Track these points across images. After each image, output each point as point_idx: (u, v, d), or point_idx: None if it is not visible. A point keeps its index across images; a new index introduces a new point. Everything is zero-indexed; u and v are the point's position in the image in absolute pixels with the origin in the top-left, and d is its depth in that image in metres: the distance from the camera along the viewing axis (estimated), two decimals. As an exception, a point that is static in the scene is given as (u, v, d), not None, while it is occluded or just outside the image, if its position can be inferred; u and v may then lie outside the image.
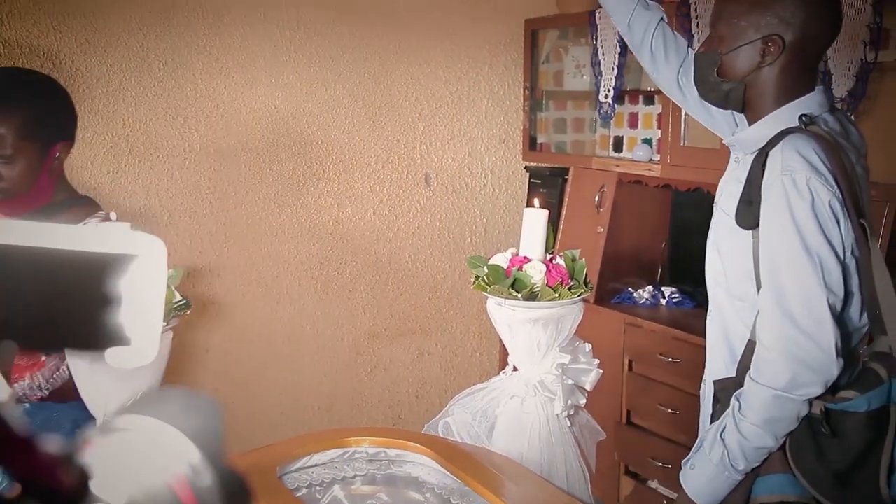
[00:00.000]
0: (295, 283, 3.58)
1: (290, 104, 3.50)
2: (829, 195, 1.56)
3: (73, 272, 0.41)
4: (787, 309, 1.58)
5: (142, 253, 0.41)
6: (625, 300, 3.36)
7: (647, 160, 3.27)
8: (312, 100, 3.53)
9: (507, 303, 1.91)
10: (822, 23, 1.66)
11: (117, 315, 0.41)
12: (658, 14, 2.04)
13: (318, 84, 3.53)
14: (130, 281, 0.41)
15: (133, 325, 0.42)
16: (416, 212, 3.76)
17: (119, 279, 0.41)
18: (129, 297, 0.41)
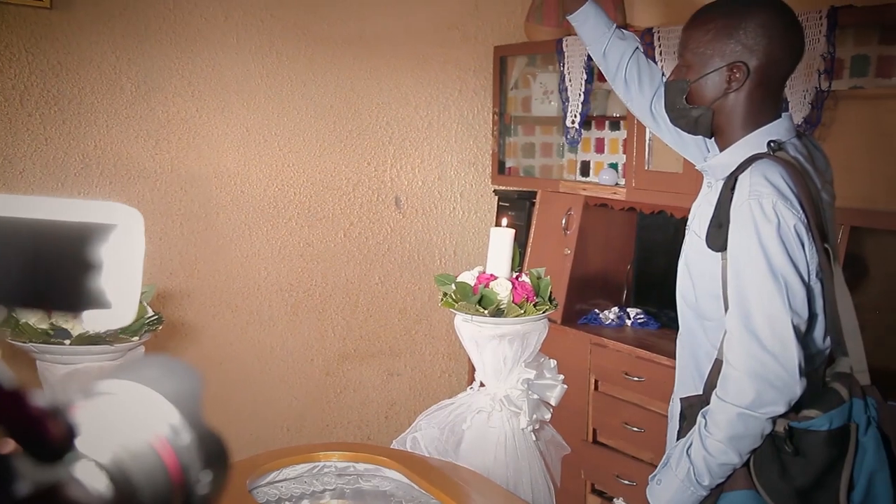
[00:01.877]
0: (265, 304, 3.60)
1: (262, 127, 3.54)
2: (794, 219, 1.61)
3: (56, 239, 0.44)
4: (753, 329, 1.62)
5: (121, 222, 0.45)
6: (591, 321, 3.42)
7: (612, 184, 3.34)
8: (284, 123, 3.57)
9: (473, 319, 1.95)
10: (784, 49, 1.72)
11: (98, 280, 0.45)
12: (633, 44, 2.10)
13: (289, 107, 3.57)
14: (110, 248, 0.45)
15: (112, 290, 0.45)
16: (386, 234, 3.80)
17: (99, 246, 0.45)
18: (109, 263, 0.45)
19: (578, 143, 3.47)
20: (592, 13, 2.09)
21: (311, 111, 3.61)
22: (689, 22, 1.80)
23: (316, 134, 3.63)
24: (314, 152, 3.63)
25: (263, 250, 3.57)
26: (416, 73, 3.75)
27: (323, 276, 3.70)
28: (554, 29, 3.61)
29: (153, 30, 3.33)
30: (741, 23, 1.71)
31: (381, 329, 3.83)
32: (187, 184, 3.43)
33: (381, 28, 3.68)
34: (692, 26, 1.79)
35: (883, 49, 2.56)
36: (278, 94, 3.55)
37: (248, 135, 3.52)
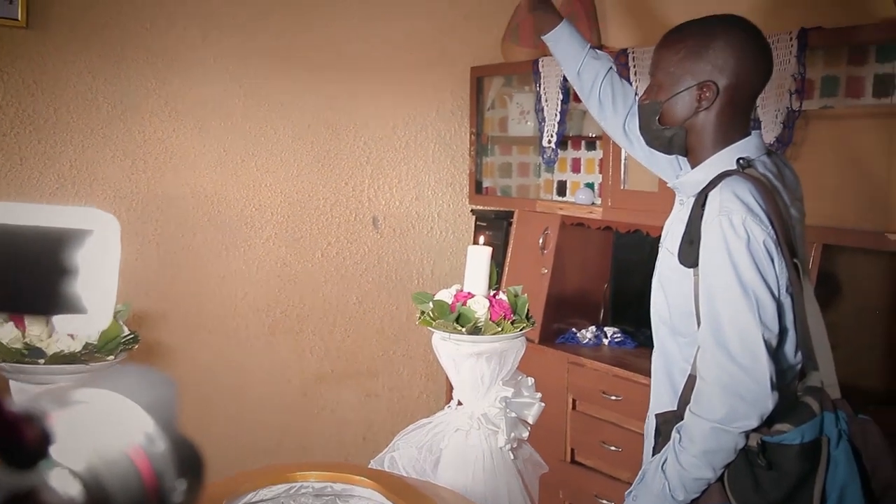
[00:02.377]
0: (242, 325, 3.58)
1: (239, 147, 3.53)
2: (763, 235, 1.64)
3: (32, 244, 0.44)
4: (725, 344, 1.64)
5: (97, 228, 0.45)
6: (568, 340, 3.43)
7: (589, 203, 3.37)
8: (261, 143, 3.57)
9: (451, 337, 1.95)
10: (752, 68, 1.75)
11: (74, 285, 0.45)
12: (607, 63, 2.12)
13: (266, 128, 3.58)
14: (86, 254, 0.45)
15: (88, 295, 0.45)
16: (363, 254, 3.80)
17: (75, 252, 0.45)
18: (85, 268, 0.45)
19: (555, 163, 3.50)
20: (566, 33, 2.11)
21: (288, 131, 3.61)
22: (660, 42, 1.83)
23: (293, 154, 3.63)
24: (292, 172, 3.63)
25: (240, 271, 3.56)
26: (394, 94, 3.77)
27: (300, 297, 3.69)
28: (530, 50, 3.64)
29: (130, 49, 3.33)
30: (711, 43, 1.74)
31: (359, 349, 3.82)
32: (164, 204, 3.42)
33: (359, 49, 3.69)
34: (663, 46, 1.82)
35: (852, 70, 2.60)
36: (256, 115, 3.55)
37: (226, 155, 3.51)
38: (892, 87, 2.50)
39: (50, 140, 3.24)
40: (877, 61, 2.54)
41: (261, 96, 3.55)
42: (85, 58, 3.26)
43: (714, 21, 1.80)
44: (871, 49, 2.55)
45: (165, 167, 3.42)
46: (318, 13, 3.61)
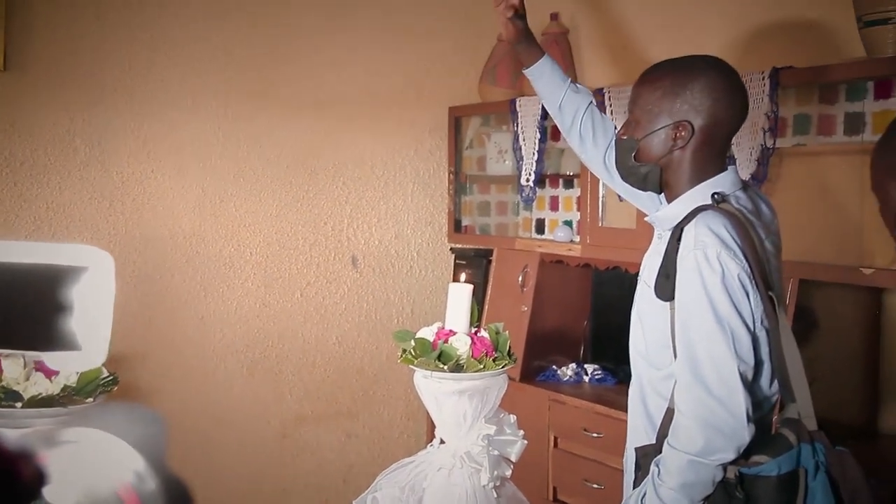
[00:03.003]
0: (220, 366, 3.55)
1: (218, 188, 3.53)
2: (738, 268, 1.66)
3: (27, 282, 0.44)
4: (701, 377, 1.65)
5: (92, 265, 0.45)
6: (549, 377, 3.43)
7: (567, 241, 3.39)
8: (240, 183, 3.57)
9: (433, 375, 1.95)
10: (728, 109, 1.78)
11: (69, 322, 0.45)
12: (587, 98, 2.15)
13: (245, 168, 3.58)
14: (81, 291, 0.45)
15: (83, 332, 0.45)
16: (343, 293, 3.79)
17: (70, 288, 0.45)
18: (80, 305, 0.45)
19: (533, 201, 3.52)
20: (548, 67, 2.14)
21: (267, 172, 3.62)
22: (639, 79, 1.86)
23: (272, 194, 3.63)
24: (270, 212, 3.63)
25: (219, 311, 3.54)
26: (372, 134, 3.79)
27: (279, 337, 3.66)
28: (507, 90, 3.68)
29: (108, 91, 3.33)
30: (689, 83, 1.77)
31: (339, 390, 3.79)
32: (142, 245, 3.40)
33: (338, 89, 3.72)
34: (641, 84, 1.84)
35: (823, 108, 2.65)
36: (234, 155, 3.55)
37: (204, 196, 3.51)
38: (863, 124, 2.55)
39: (26, 182, 3.23)
40: (847, 100, 2.59)
41: (239, 137, 3.56)
42: (62, 99, 3.26)
43: (692, 61, 1.83)
44: (841, 88, 2.60)
45: (143, 208, 3.41)
46: (297, 55, 3.64)
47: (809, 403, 1.74)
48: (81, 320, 0.45)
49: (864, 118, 2.54)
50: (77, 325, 0.45)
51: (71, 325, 0.45)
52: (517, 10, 2.09)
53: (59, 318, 0.45)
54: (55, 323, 0.45)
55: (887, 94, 2.49)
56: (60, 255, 0.45)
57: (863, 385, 2.72)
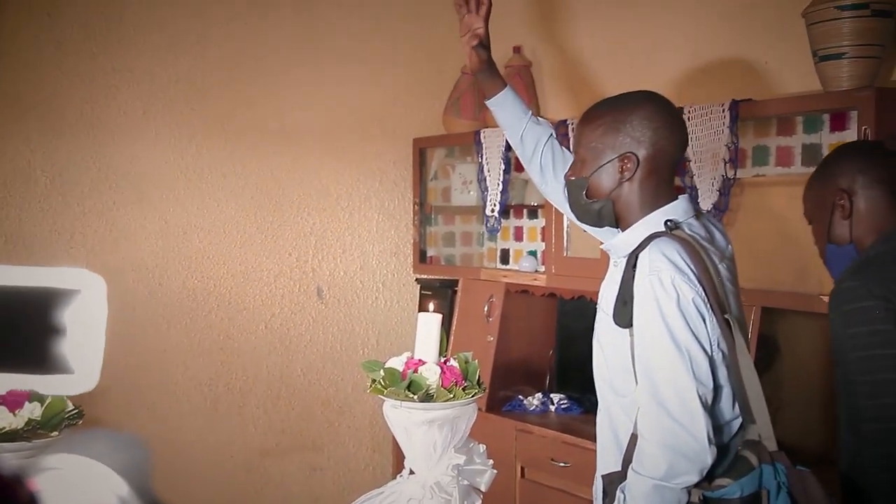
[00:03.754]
0: (183, 399, 3.51)
1: (181, 219, 3.51)
2: (692, 293, 1.69)
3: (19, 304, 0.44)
4: (662, 401, 1.67)
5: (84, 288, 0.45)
6: (515, 407, 3.43)
7: (532, 271, 3.41)
8: (204, 215, 3.55)
9: (403, 405, 1.94)
10: (668, 138, 1.84)
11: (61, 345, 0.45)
12: (548, 130, 2.19)
13: (209, 199, 3.56)
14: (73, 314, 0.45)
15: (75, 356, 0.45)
16: (308, 325, 3.77)
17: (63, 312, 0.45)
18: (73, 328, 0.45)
19: (498, 232, 3.55)
20: (510, 99, 2.17)
21: (231, 203, 3.60)
22: (580, 120, 1.92)
23: (236, 226, 3.62)
24: (235, 244, 3.61)
25: (182, 344, 3.50)
26: (338, 165, 3.80)
27: (243, 369, 3.63)
28: (471, 121, 3.72)
29: (69, 123, 3.31)
30: (627, 117, 1.83)
31: (304, 422, 3.76)
32: (103, 277, 3.35)
33: (302, 120, 3.73)
34: (583, 124, 1.90)
35: (781, 140, 2.71)
36: (198, 187, 3.53)
37: (167, 227, 3.48)
38: (820, 155, 2.61)
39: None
40: (804, 132, 2.66)
41: (203, 168, 3.54)
42: (23, 131, 3.23)
43: (629, 96, 1.89)
44: (798, 120, 2.66)
45: (105, 240, 3.37)
46: (261, 86, 3.65)
47: (769, 425, 1.77)
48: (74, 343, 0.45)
49: (821, 150, 2.61)
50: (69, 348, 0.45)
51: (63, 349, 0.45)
52: (481, 41, 2.12)
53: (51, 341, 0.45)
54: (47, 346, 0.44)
55: (842, 126, 2.56)
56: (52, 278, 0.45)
57: (824, 411, 2.76)
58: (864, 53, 2.43)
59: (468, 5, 2.14)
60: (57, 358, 0.45)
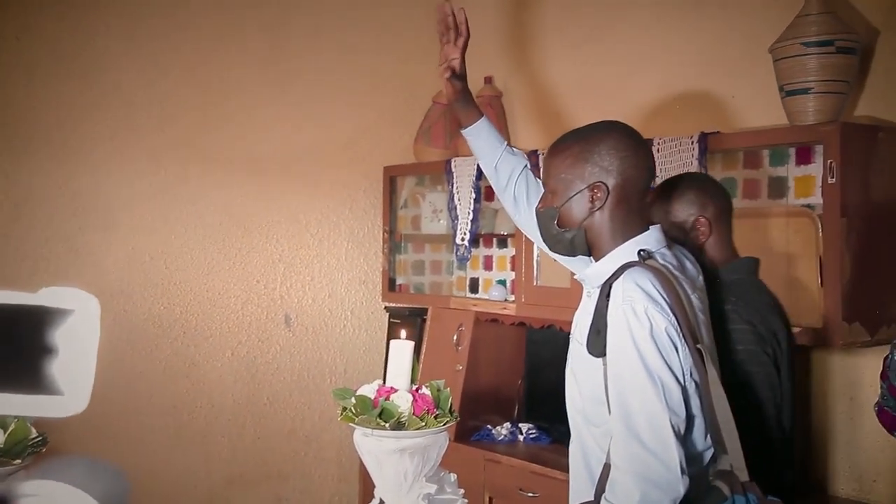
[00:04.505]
0: (146, 428, 3.45)
1: (148, 245, 3.47)
2: (665, 322, 1.70)
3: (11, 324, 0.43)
4: (635, 431, 1.67)
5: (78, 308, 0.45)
6: (484, 437, 3.41)
7: (502, 300, 3.41)
8: (171, 241, 3.52)
9: (374, 433, 1.92)
10: (636, 166, 1.86)
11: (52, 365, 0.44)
12: (522, 161, 2.20)
13: (177, 226, 3.53)
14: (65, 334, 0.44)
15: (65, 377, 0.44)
16: (275, 353, 3.73)
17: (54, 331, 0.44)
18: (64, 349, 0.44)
19: (468, 261, 3.55)
20: (486, 128, 2.19)
21: (199, 229, 3.57)
22: (548, 152, 1.93)
23: (204, 252, 3.58)
24: (202, 270, 3.58)
25: (146, 371, 3.45)
26: (307, 192, 3.79)
27: (209, 398, 3.58)
28: (442, 150, 3.74)
29: (36, 147, 3.27)
30: (595, 147, 1.84)
31: (269, 452, 3.71)
32: (67, 303, 3.30)
33: (273, 147, 3.72)
34: (551, 155, 1.92)
35: (748, 172, 2.75)
36: (166, 213, 3.50)
37: (134, 253, 3.44)
38: (786, 188, 2.65)
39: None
40: (770, 165, 2.70)
41: (171, 194, 3.51)
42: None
43: (595, 127, 1.91)
44: (764, 153, 2.71)
45: (70, 266, 3.32)
46: (231, 112, 3.64)
47: (741, 455, 1.77)
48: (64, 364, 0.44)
49: (787, 182, 2.65)
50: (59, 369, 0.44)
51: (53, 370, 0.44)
52: (456, 71, 2.14)
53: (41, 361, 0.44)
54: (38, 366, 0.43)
55: (808, 159, 2.61)
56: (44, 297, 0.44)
57: (791, 442, 2.77)
58: (829, 89, 2.48)
59: (448, 34, 2.16)
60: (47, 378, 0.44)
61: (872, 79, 2.66)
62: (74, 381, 0.44)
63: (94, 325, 0.46)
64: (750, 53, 2.87)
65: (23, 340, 0.43)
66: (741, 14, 3.00)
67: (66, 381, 0.44)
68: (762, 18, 2.89)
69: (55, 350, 0.44)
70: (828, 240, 2.43)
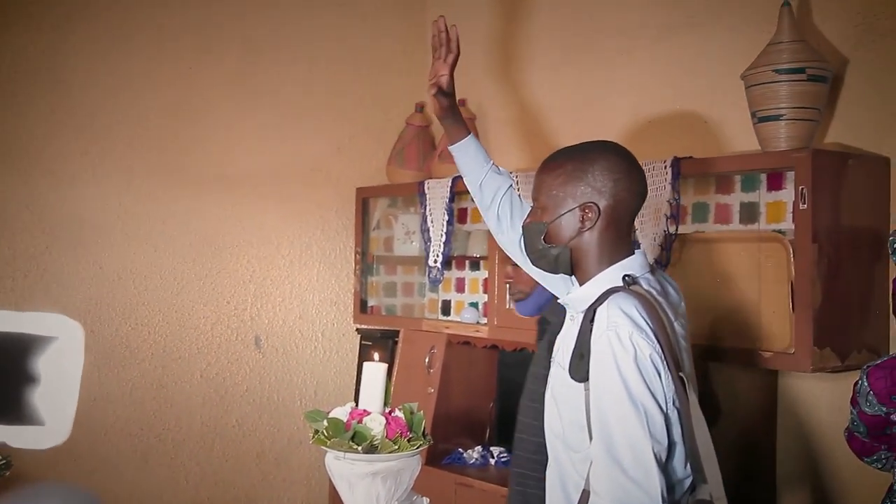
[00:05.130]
0: (112, 450, 3.38)
1: (116, 264, 3.42)
2: (649, 349, 1.68)
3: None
4: (616, 457, 1.66)
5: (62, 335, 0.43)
6: (455, 460, 3.39)
7: (474, 322, 3.40)
8: (140, 260, 3.47)
9: (346, 456, 1.89)
10: (629, 189, 1.85)
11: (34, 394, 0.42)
12: (508, 180, 2.19)
13: (146, 245, 3.49)
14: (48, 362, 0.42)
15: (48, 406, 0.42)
16: (244, 374, 3.69)
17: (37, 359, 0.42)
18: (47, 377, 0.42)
19: (440, 283, 3.54)
20: (473, 146, 2.18)
21: (169, 249, 3.53)
22: (540, 167, 1.91)
23: (173, 272, 3.54)
24: (171, 290, 3.53)
25: (113, 393, 3.39)
26: (279, 213, 3.76)
27: (176, 420, 3.53)
28: (415, 172, 3.73)
29: (4, 163, 3.22)
30: (589, 166, 1.83)
31: (238, 475, 3.66)
32: (33, 322, 3.24)
33: (245, 167, 3.69)
34: (544, 171, 1.90)
35: (719, 198, 2.77)
36: (136, 231, 3.46)
37: (102, 272, 3.39)
38: (758, 214, 2.68)
39: (-90, 254, 3.06)
40: (742, 190, 2.72)
41: (141, 213, 3.47)
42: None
43: (590, 146, 1.90)
44: (736, 178, 2.73)
45: (35, 285, 3.26)
46: (204, 130, 3.61)
47: (720, 484, 1.76)
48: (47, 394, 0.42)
49: (758, 208, 2.67)
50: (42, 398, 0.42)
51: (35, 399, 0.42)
52: (443, 88, 2.14)
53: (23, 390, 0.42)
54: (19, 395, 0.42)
55: (779, 185, 2.63)
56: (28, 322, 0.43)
57: (761, 466, 2.78)
58: (801, 116, 2.51)
59: (440, 50, 2.16)
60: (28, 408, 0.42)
61: (841, 107, 2.70)
62: (57, 411, 0.42)
63: (79, 353, 0.44)
64: (722, 80, 2.91)
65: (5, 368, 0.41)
66: (714, 41, 3.03)
67: (48, 411, 0.42)
68: (735, 45, 2.92)
69: (38, 378, 0.42)
70: (799, 265, 2.45)
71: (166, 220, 3.52)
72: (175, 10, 3.54)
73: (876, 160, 2.59)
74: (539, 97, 3.64)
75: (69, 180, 3.33)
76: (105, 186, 3.40)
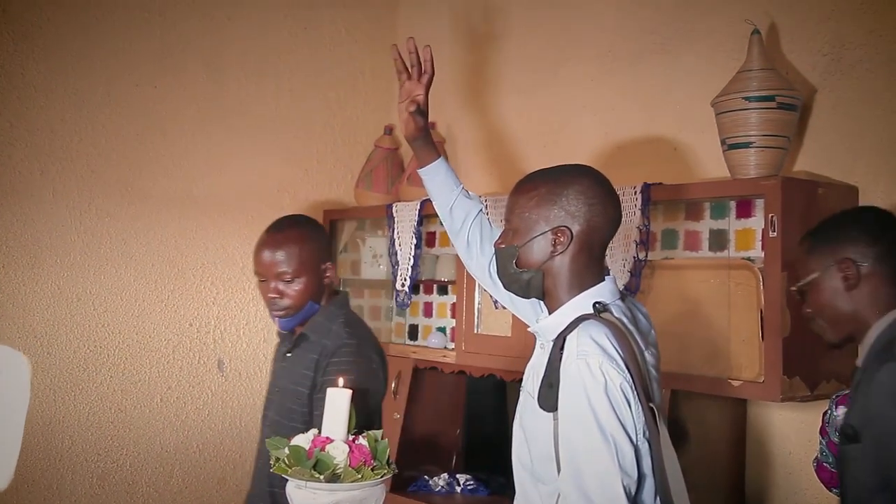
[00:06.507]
0: (67, 477, 3.28)
1: (76, 286, 3.34)
2: (620, 378, 1.65)
3: None
4: (585, 490, 1.62)
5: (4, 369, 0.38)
6: (420, 488, 3.33)
7: (441, 347, 3.36)
8: (100, 281, 3.39)
9: (308, 485, 1.84)
10: (602, 215, 1.82)
11: None
12: (478, 205, 2.17)
13: (107, 266, 3.41)
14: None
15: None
16: (206, 398, 3.61)
17: None
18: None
19: (408, 307, 3.49)
20: (443, 169, 2.16)
21: (130, 270, 3.45)
22: (514, 189, 1.89)
23: (134, 293, 3.46)
24: (132, 313, 3.45)
25: (69, 417, 3.29)
26: (244, 234, 3.69)
27: (135, 445, 3.43)
28: (383, 195, 3.70)
29: (-39, 180, 3.13)
30: (564, 190, 1.80)
31: (198, 501, 3.57)
32: (-14, 344, 3.15)
33: (210, 188, 3.63)
34: (518, 193, 1.87)
35: (689, 224, 2.76)
36: (96, 252, 3.38)
37: (60, 293, 3.30)
38: (727, 241, 2.67)
39: None
40: (711, 217, 2.71)
41: (101, 233, 3.39)
42: None
43: (565, 169, 1.87)
44: (705, 205, 2.72)
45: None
46: (167, 150, 3.55)
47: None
48: None
49: (727, 235, 2.66)
50: None
51: None
52: (420, 106, 2.12)
53: None
54: None
55: (748, 213, 2.63)
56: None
57: (729, 495, 2.76)
58: (771, 143, 2.51)
59: (410, 72, 2.14)
60: None
61: (810, 135, 2.71)
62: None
63: (24, 389, 0.39)
64: (693, 106, 2.91)
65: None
66: (684, 67, 3.04)
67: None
68: (705, 72, 2.93)
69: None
70: (769, 293, 2.44)
71: (127, 240, 3.45)
72: (138, 28, 3.48)
73: (845, 189, 2.60)
74: (508, 121, 3.62)
75: (27, 199, 3.24)
76: (64, 205, 3.31)
